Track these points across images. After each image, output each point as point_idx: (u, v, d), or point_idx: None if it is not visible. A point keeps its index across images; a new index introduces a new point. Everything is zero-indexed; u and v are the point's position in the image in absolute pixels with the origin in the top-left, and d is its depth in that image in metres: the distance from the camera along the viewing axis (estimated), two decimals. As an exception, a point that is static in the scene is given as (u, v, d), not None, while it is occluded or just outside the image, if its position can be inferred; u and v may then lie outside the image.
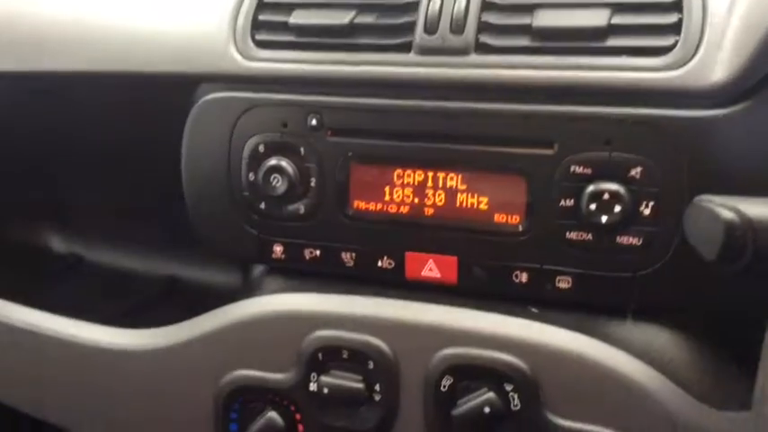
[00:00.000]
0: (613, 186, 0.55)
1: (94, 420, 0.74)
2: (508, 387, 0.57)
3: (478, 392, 0.58)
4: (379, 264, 0.64)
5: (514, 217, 0.60)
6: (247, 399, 0.66)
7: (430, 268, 0.63)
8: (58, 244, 1.06)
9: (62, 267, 1.04)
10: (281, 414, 0.65)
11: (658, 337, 0.58)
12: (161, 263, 0.99)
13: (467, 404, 0.58)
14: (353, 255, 0.65)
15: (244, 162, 0.66)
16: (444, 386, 0.59)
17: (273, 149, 0.65)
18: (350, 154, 0.63)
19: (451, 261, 0.62)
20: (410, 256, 0.63)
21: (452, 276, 0.63)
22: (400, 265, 0.64)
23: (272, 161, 0.64)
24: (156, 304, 0.96)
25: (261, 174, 0.65)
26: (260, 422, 0.65)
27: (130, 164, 0.87)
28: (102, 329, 0.73)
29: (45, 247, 1.06)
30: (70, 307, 0.79)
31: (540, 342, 0.58)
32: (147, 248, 1.00)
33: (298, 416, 0.65)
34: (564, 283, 0.59)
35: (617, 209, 0.55)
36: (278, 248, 0.67)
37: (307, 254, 0.66)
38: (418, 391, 0.60)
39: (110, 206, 0.99)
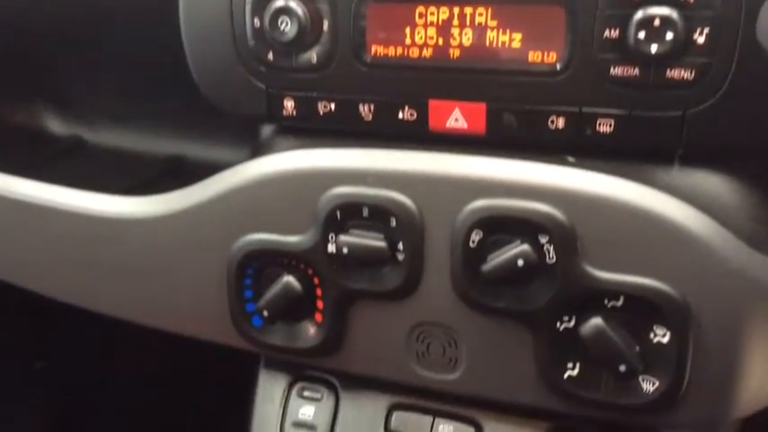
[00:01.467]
0: (665, 11, 0.49)
1: (103, 294, 0.71)
2: (543, 239, 0.53)
3: (511, 245, 0.53)
4: (401, 115, 0.59)
5: (551, 54, 0.54)
6: (262, 264, 0.63)
7: (456, 118, 0.58)
8: (57, 126, 1.01)
9: (62, 150, 0.99)
10: (297, 278, 0.61)
11: (708, 182, 0.53)
12: (166, 142, 0.94)
13: (498, 258, 0.54)
14: (372, 106, 0.59)
15: (247, 6, 0.59)
16: (473, 241, 0.55)
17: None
18: (366, -10, 0.56)
19: (479, 108, 0.57)
20: (434, 105, 0.58)
21: (480, 126, 0.57)
22: (423, 115, 0.58)
23: (279, 2, 0.58)
24: (161, 182, 0.92)
25: (267, 18, 0.58)
26: (276, 288, 0.61)
27: (131, 37, 0.81)
28: (108, 198, 0.69)
29: (44, 129, 1.01)
30: (71, 188, 0.75)
31: (577, 189, 0.53)
32: (150, 127, 0.95)
33: (315, 279, 0.61)
34: (605, 126, 0.54)
35: (668, 36, 0.49)
36: (289, 104, 0.62)
37: (321, 108, 0.61)
38: (445, 249, 0.56)
39: (110, 84, 0.93)
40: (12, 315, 1.13)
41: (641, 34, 0.50)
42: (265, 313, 0.62)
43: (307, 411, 0.66)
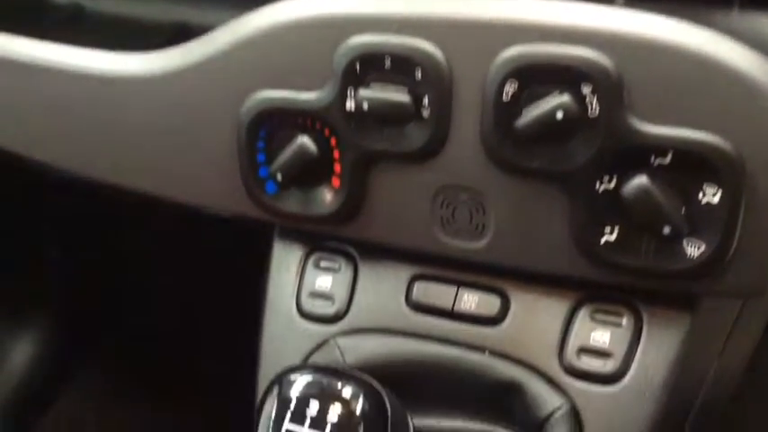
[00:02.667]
0: None
1: (106, 160, 0.67)
2: (586, 88, 0.47)
3: (549, 97, 0.48)
4: (426, -46, 0.52)
5: None
6: (275, 124, 0.58)
7: (490, -46, 0.51)
8: (55, -7, 0.95)
9: (61, 18, 0.93)
10: (313, 139, 0.56)
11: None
12: (170, 8, 0.88)
13: (535, 111, 0.48)
14: (394, -56, 0.53)
15: None
16: (507, 93, 0.49)
17: None
18: None
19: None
20: (465, -59, 0.51)
21: (518, -37, 0.51)
22: (452, -47, 0.52)
23: None
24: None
25: None
26: (289, 149, 0.57)
27: None
28: (107, 56, 0.64)
29: (42, -2, 0.95)
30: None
31: (626, 32, 0.47)
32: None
33: (333, 140, 0.56)
34: (662, -40, 0.47)
35: None
36: (302, -57, 0.55)
37: (337, -52, 0.54)
38: (475, 103, 0.51)
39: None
40: (19, 200, 1.10)
41: None
42: (279, 177, 0.58)
43: (324, 282, 0.63)
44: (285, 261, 0.65)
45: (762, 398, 0.70)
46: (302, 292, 0.63)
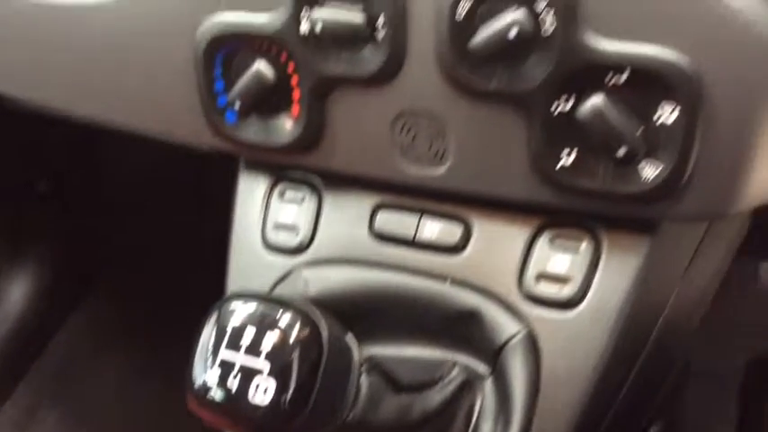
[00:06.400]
0: None
1: (64, 88, 0.65)
2: (540, 3, 0.46)
3: (505, 13, 0.47)
4: None
5: None
6: (231, 50, 0.56)
7: None
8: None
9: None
10: (270, 64, 0.55)
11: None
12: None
13: (488, 29, 0.47)
14: None
15: None
16: (461, 11, 0.48)
17: None
18: None
19: None
20: None
21: None
22: None
23: None
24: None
25: None
26: (246, 76, 0.56)
27: None
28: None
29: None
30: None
31: (584, -56, 0.45)
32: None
33: (290, 66, 0.55)
34: None
35: None
36: None
37: None
38: (430, 23, 0.49)
39: None
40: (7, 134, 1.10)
41: None
42: (237, 105, 0.57)
43: (288, 213, 0.62)
44: (250, 193, 0.64)
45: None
46: (267, 223, 0.63)
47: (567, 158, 0.50)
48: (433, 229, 0.58)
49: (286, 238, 0.62)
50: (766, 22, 0.43)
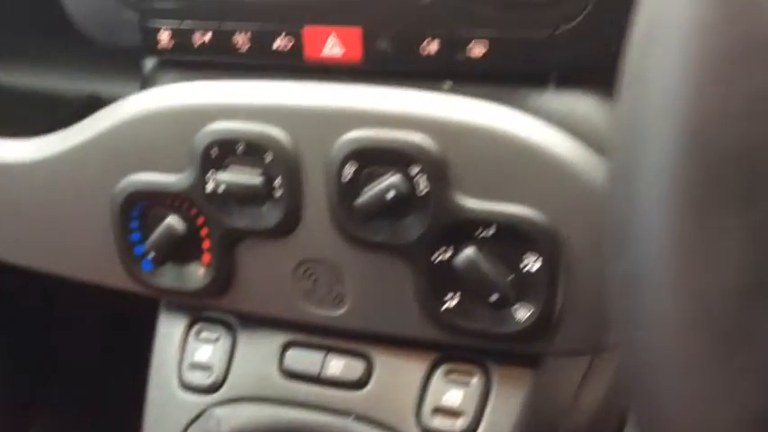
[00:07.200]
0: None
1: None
2: (414, 169, 0.51)
3: (383, 177, 0.52)
4: (276, 45, 0.56)
5: (420, -25, 0.51)
6: (147, 205, 0.61)
7: (331, 45, 0.55)
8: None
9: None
10: (182, 218, 0.60)
11: (581, 104, 0.51)
12: (80, 81, 0.91)
13: (370, 192, 0.52)
14: (247, 36, 0.57)
15: (113, -67, 0.56)
16: (347, 174, 0.53)
17: None
18: None
19: (355, 33, 0.54)
20: (309, 32, 0.55)
21: (356, 53, 0.55)
22: (299, 43, 0.56)
23: (143, -72, 0.55)
24: (77, 122, 0.89)
25: (132, -56, 0.55)
26: (160, 229, 0.60)
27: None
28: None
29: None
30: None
31: (447, 117, 0.51)
32: (63, 66, 0.91)
33: (200, 219, 0.60)
34: (478, 49, 0.51)
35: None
36: (164, 35, 0.59)
37: (196, 40, 0.58)
38: (322, 184, 0.55)
39: (23, 20, 0.89)
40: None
41: (506, -51, 0.47)
42: (153, 255, 0.61)
43: (204, 352, 0.65)
44: (169, 332, 0.67)
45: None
46: (184, 363, 0.66)
47: (451, 301, 0.54)
48: (337, 365, 0.61)
49: (201, 378, 0.65)
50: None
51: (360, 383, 0.60)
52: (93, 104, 0.90)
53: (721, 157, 0.22)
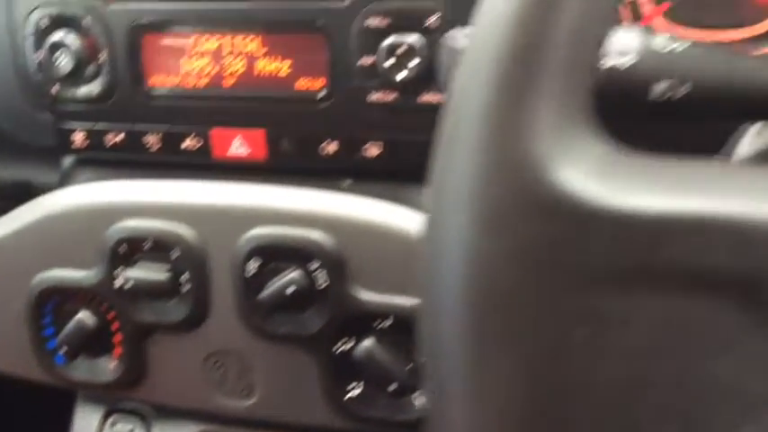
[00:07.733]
0: (409, 39, 0.50)
1: None
2: (313, 265, 0.54)
3: (284, 273, 0.54)
4: (185, 145, 0.59)
5: (318, 81, 0.54)
6: (60, 300, 0.62)
7: (238, 145, 0.58)
8: None
9: None
10: (93, 313, 0.61)
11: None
12: (11, 169, 0.92)
13: (272, 286, 0.54)
14: (157, 137, 0.59)
15: (28, 39, 0.59)
16: (251, 269, 0.55)
17: (57, 23, 0.58)
18: (137, 22, 0.56)
19: (259, 135, 0.57)
20: (216, 133, 0.58)
21: (261, 152, 0.57)
22: (206, 144, 0.58)
23: (55, 36, 0.57)
24: (5, 209, 0.89)
25: (45, 52, 0.58)
26: (71, 324, 0.61)
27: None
28: None
29: None
30: None
31: (345, 215, 0.54)
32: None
33: (110, 314, 0.61)
34: (372, 150, 0.55)
35: (413, 63, 0.50)
36: (78, 136, 0.61)
37: (108, 140, 0.60)
38: (227, 278, 0.56)
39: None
40: None
41: (390, 62, 0.51)
42: (65, 349, 0.62)
43: (118, 444, 0.65)
44: (86, 424, 0.67)
45: None
46: (99, 454, 0.66)
47: (354, 391, 0.56)
48: (250, 455, 0.62)
49: (116, 470, 0.65)
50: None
51: (269, 474, 0.61)
52: (22, 190, 0.91)
53: (492, 295, 0.25)
